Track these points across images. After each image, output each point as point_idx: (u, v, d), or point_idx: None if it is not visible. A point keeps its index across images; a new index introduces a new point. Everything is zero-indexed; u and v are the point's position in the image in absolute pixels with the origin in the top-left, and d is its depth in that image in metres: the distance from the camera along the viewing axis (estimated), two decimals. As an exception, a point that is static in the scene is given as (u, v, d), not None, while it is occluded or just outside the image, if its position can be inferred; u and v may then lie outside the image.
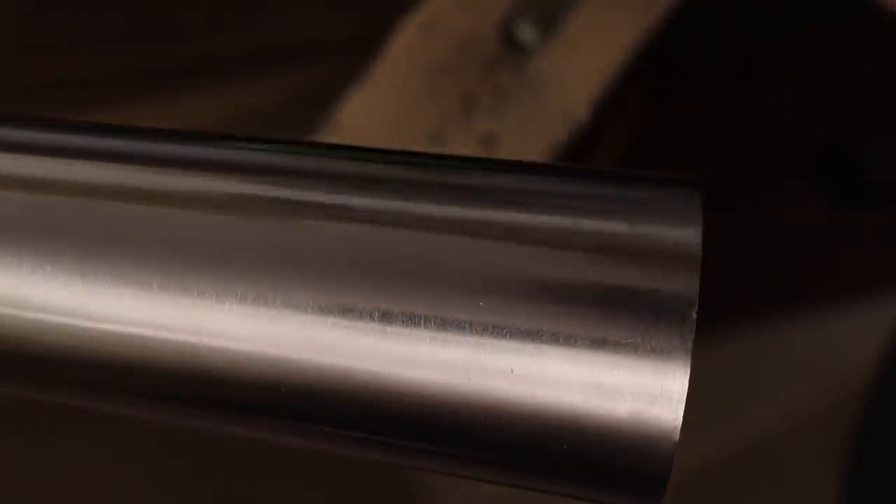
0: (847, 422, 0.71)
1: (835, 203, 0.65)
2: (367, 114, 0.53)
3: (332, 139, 0.53)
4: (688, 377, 0.30)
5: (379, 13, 0.54)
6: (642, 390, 0.30)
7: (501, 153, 0.55)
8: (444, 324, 0.30)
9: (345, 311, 0.31)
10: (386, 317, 0.31)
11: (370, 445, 0.33)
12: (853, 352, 0.71)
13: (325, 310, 0.31)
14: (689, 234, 0.31)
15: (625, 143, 0.55)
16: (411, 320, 0.31)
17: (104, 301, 0.31)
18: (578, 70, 0.52)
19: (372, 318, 0.31)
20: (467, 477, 0.34)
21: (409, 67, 0.53)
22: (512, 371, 0.30)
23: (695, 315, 0.30)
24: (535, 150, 0.55)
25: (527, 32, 0.55)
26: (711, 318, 0.32)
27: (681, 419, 0.30)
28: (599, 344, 0.30)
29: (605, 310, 0.30)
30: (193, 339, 0.31)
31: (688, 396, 0.30)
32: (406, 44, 0.54)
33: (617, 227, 0.31)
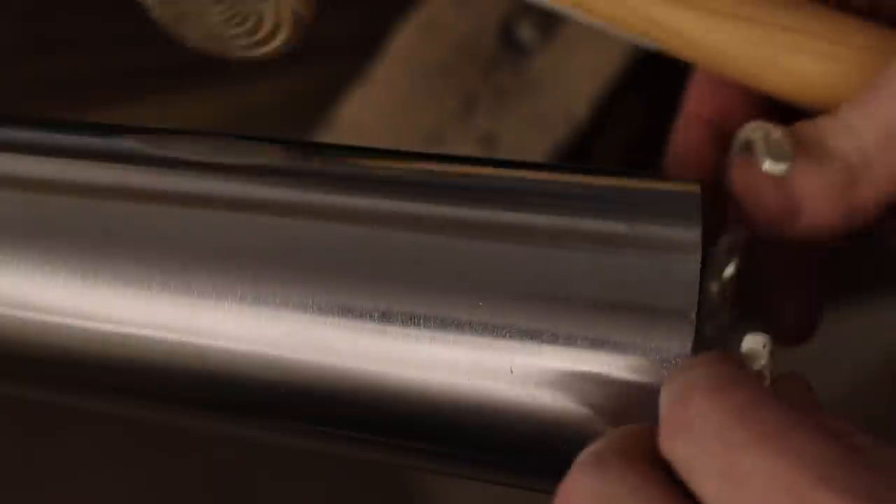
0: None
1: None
2: (367, 113, 0.53)
3: (332, 139, 0.53)
4: (688, 377, 0.30)
5: (379, 13, 0.54)
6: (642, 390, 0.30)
7: (501, 153, 0.55)
8: (443, 324, 0.30)
9: (345, 311, 0.31)
10: (386, 317, 0.31)
11: (370, 445, 0.33)
12: (853, 352, 0.71)
13: (325, 310, 0.31)
14: (689, 235, 0.31)
15: (625, 144, 0.55)
16: (411, 320, 0.31)
17: (104, 301, 0.31)
18: (578, 70, 0.52)
19: (372, 318, 0.31)
20: (466, 477, 0.34)
21: (409, 67, 0.53)
22: (511, 371, 0.30)
23: (695, 315, 0.30)
24: (535, 150, 0.55)
25: (527, 32, 0.55)
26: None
27: (681, 419, 0.30)
28: (599, 344, 0.30)
29: (605, 309, 0.30)
30: (193, 339, 0.31)
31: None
32: (406, 44, 0.54)
33: (617, 227, 0.31)
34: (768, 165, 0.31)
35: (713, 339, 0.31)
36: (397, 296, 0.31)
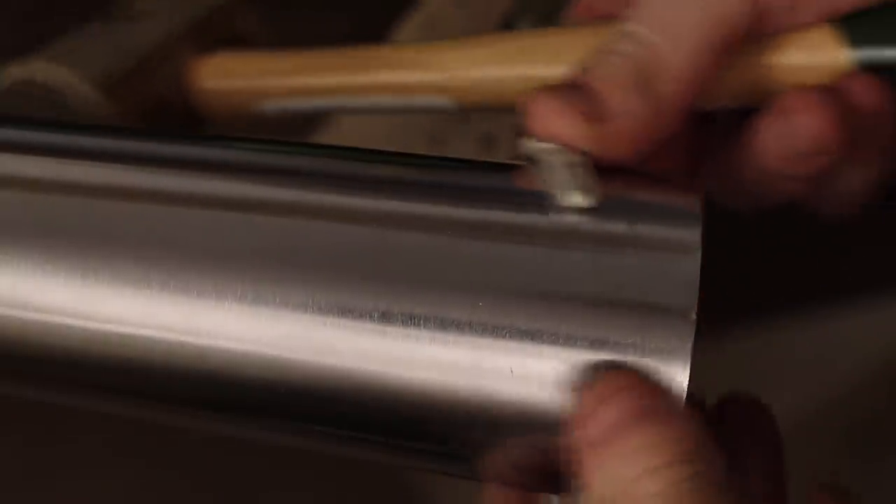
0: (847, 422, 0.71)
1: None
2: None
3: (332, 139, 0.53)
4: (687, 377, 0.30)
5: (379, 13, 0.54)
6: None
7: (501, 153, 0.55)
8: (443, 324, 0.30)
9: (345, 312, 0.31)
10: (386, 317, 0.31)
11: (369, 445, 0.33)
12: (853, 351, 0.71)
13: (325, 310, 0.31)
14: (688, 235, 0.31)
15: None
16: (411, 320, 0.31)
17: (104, 301, 0.31)
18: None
19: (372, 319, 0.31)
20: (465, 477, 0.34)
21: (409, 67, 0.53)
22: (511, 371, 0.30)
23: (695, 315, 0.30)
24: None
25: (527, 32, 0.55)
26: (711, 318, 0.32)
27: (681, 419, 0.30)
28: (600, 344, 0.30)
29: (605, 309, 0.30)
30: (192, 339, 0.31)
31: (688, 396, 0.30)
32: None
33: (617, 227, 0.31)
34: (575, 199, 0.32)
35: None
36: (397, 296, 0.31)
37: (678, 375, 0.30)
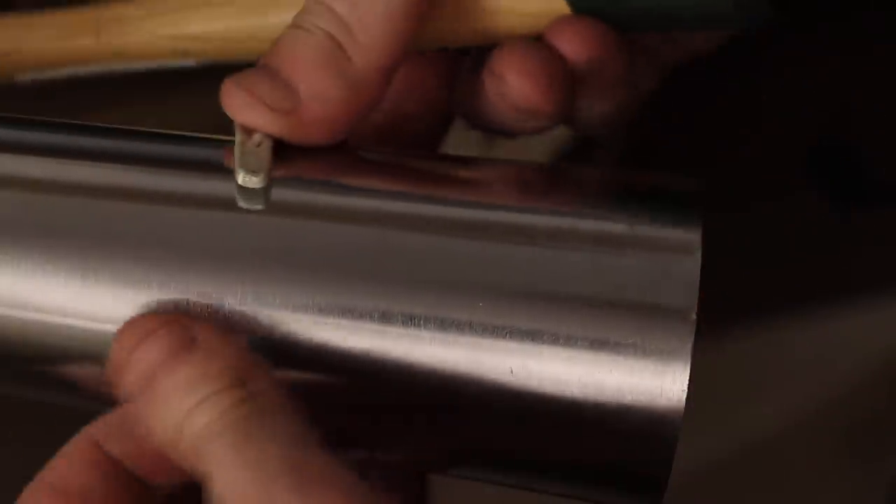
0: (847, 422, 0.71)
1: (835, 203, 0.65)
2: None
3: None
4: (687, 377, 0.30)
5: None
6: (642, 390, 0.30)
7: (501, 153, 0.55)
8: (443, 324, 0.30)
9: (345, 312, 0.31)
10: (386, 317, 0.31)
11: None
12: (853, 351, 0.71)
13: (326, 310, 0.31)
14: (688, 235, 0.31)
15: (626, 144, 0.55)
16: (411, 321, 0.31)
17: (104, 301, 0.31)
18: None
19: (372, 319, 0.31)
20: (462, 476, 0.34)
21: (409, 67, 0.53)
22: (511, 372, 0.30)
23: (694, 316, 0.30)
24: (535, 149, 0.55)
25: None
26: (711, 318, 0.32)
27: (681, 419, 0.30)
28: (599, 345, 0.30)
29: (605, 310, 0.30)
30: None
31: (688, 396, 0.30)
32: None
33: (617, 227, 0.31)
34: (241, 178, 0.31)
35: None
36: (397, 296, 0.31)
37: (678, 375, 0.30)
